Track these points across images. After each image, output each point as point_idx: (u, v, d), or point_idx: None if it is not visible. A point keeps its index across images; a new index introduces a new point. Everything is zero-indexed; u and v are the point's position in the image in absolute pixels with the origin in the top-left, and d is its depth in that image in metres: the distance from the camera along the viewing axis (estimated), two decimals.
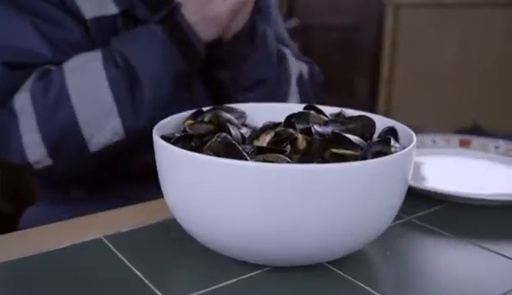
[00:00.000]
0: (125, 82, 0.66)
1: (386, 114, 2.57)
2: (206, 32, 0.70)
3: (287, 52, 0.88)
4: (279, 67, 0.83)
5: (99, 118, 0.66)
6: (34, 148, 0.65)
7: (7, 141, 0.66)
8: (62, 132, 0.65)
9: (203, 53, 0.72)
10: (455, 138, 0.74)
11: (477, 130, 2.15)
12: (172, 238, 0.46)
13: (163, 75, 0.68)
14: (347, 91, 2.94)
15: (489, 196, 0.55)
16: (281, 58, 0.84)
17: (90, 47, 0.70)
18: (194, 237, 0.42)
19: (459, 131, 2.05)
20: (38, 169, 0.67)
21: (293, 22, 3.04)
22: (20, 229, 0.79)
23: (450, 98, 2.34)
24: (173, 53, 0.68)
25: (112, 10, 0.72)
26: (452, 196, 0.55)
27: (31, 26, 0.68)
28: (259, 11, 0.85)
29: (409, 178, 0.41)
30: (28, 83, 0.67)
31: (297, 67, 0.88)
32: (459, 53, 2.29)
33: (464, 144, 0.73)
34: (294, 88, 0.85)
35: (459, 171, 0.67)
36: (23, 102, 0.65)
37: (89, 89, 0.66)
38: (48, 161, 0.67)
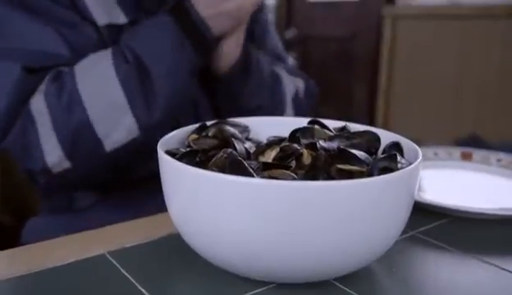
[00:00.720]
0: (136, 78, 0.66)
1: (385, 124, 2.59)
2: (218, 26, 0.70)
3: (282, 72, 0.88)
4: (273, 91, 0.83)
5: (112, 116, 0.65)
6: (52, 151, 0.65)
7: (28, 149, 0.66)
8: (78, 133, 0.65)
9: (214, 45, 0.71)
10: (457, 151, 0.74)
11: (475, 141, 2.16)
12: (176, 253, 0.46)
13: (176, 68, 0.67)
14: (346, 100, 2.94)
15: (492, 210, 0.55)
16: (276, 81, 0.85)
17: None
18: (199, 252, 0.41)
19: (458, 142, 2.06)
20: (57, 172, 0.66)
21: (291, 32, 3.05)
22: (22, 242, 0.79)
23: (448, 108, 2.35)
24: (184, 44, 0.68)
25: (122, 19, 0.72)
26: (455, 210, 0.55)
27: (49, 29, 0.68)
28: (252, 38, 0.86)
29: (416, 193, 0.41)
30: (43, 85, 0.67)
31: (292, 86, 0.88)
32: (457, 64, 2.30)
33: (466, 157, 0.73)
34: (289, 109, 0.86)
35: (462, 185, 0.67)
36: (38, 104, 0.65)
37: (101, 88, 0.66)
38: (67, 164, 0.66)
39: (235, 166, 0.38)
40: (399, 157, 0.41)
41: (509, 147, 0.80)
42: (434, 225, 0.54)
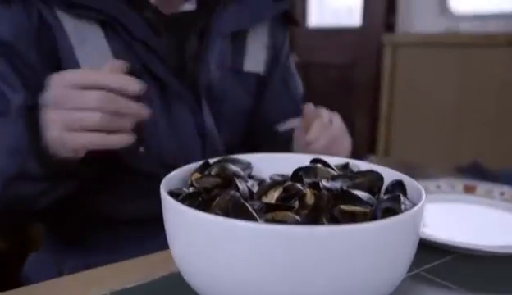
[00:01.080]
0: None
1: (386, 150, 2.59)
2: (63, 151, 0.57)
3: None
4: None
5: None
6: None
7: None
8: None
9: (61, 162, 0.58)
10: (460, 184, 0.74)
11: (477, 168, 2.16)
12: (177, 292, 0.45)
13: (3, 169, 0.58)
14: (347, 127, 2.95)
15: (497, 248, 0.55)
16: None
17: None
18: (199, 292, 0.41)
19: (460, 169, 2.05)
20: None
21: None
22: (23, 277, 0.78)
23: (449, 134, 2.36)
24: (22, 149, 0.58)
25: None
26: (460, 247, 0.54)
27: None
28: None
29: (420, 234, 0.41)
30: None
31: None
32: (457, 91, 2.31)
33: (469, 190, 0.73)
34: None
35: (465, 219, 0.67)
36: None
37: None
38: None
39: (238, 209, 0.38)
40: (402, 198, 0.41)
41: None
42: (438, 263, 0.53)
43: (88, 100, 0.54)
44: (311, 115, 0.74)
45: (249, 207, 0.38)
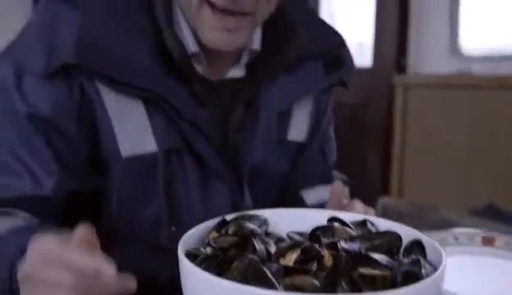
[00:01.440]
0: None
1: (399, 190, 2.57)
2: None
3: None
4: None
5: None
6: None
7: None
8: None
9: None
10: (478, 236, 0.73)
11: (492, 209, 2.13)
12: None
13: None
14: (359, 167, 2.94)
15: None
16: None
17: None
18: None
19: (475, 211, 2.03)
20: None
21: None
22: None
23: (461, 174, 2.34)
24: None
25: (151, 147, 0.65)
26: None
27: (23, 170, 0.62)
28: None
29: None
30: None
31: None
32: (468, 132, 2.31)
33: (488, 242, 0.71)
34: None
35: (485, 274, 0.65)
36: None
37: None
38: None
39: (256, 275, 0.37)
40: (422, 261, 0.40)
41: None
42: None
43: (60, 281, 0.45)
44: (339, 197, 0.67)
45: (268, 273, 0.38)
